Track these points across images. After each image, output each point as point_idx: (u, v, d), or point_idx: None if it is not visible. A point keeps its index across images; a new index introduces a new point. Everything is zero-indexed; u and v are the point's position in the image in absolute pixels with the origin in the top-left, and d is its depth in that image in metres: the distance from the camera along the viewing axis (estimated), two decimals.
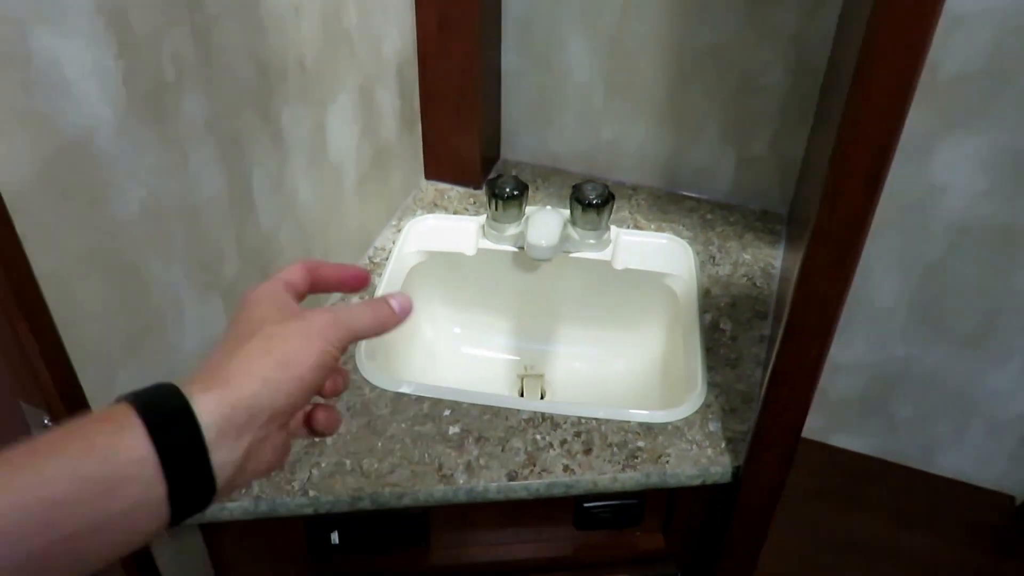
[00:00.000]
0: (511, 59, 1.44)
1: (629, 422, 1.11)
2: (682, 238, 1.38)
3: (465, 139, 1.44)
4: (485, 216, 1.35)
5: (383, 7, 1.22)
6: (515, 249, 1.33)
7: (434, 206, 1.45)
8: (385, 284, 1.29)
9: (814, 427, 1.78)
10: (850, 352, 1.65)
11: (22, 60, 0.68)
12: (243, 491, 1.02)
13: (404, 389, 1.14)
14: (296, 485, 1.03)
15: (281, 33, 0.99)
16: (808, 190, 1.06)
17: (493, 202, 1.31)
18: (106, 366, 0.84)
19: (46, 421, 0.82)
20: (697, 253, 1.36)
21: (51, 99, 0.71)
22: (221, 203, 0.95)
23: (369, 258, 1.34)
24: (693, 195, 1.48)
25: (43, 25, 0.69)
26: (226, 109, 0.92)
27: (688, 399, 1.14)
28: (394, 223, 1.41)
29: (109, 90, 0.76)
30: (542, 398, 1.35)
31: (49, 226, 0.74)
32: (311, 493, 1.02)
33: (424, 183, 1.50)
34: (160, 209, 0.86)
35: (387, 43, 1.25)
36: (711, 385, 1.15)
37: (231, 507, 1.01)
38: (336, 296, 1.27)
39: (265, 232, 1.05)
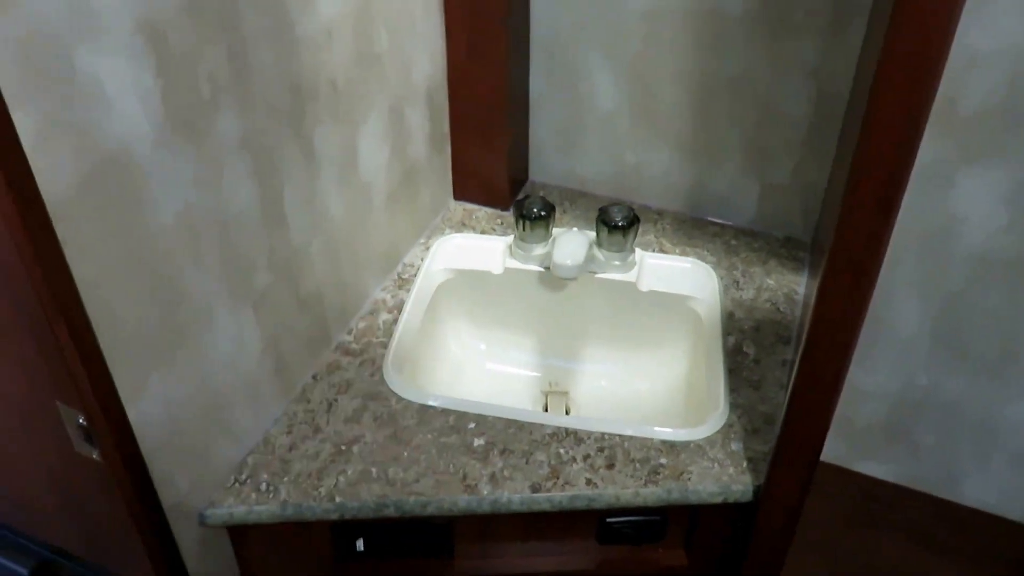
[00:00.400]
0: (539, 85, 1.46)
1: (652, 439, 1.11)
2: (706, 262, 1.38)
3: (493, 161, 1.45)
4: (512, 236, 1.36)
5: (413, 33, 1.24)
6: (541, 269, 1.34)
7: (462, 226, 1.46)
8: (413, 300, 1.31)
9: (838, 453, 1.76)
10: (873, 379, 1.63)
11: (65, 76, 0.70)
12: (270, 495, 1.03)
13: (430, 402, 1.15)
14: (323, 491, 1.04)
15: (314, 55, 1.01)
16: (830, 217, 1.07)
17: (521, 222, 1.32)
18: (140, 370, 0.86)
19: (81, 421, 0.83)
20: (721, 278, 1.36)
21: (92, 114, 0.73)
22: (253, 216, 0.97)
23: (398, 274, 1.36)
24: (717, 221, 1.48)
25: (85, 44, 0.71)
26: (260, 126, 0.95)
27: (711, 419, 1.13)
28: (422, 241, 1.42)
29: (148, 106, 0.79)
30: (567, 415, 1.35)
31: (88, 234, 0.76)
32: (337, 499, 1.03)
33: (452, 203, 1.51)
34: (195, 220, 0.88)
35: (417, 67, 1.27)
36: (734, 406, 1.15)
37: (258, 510, 1.02)
38: (366, 309, 1.29)
39: (296, 246, 1.07)
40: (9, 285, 0.76)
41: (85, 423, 0.83)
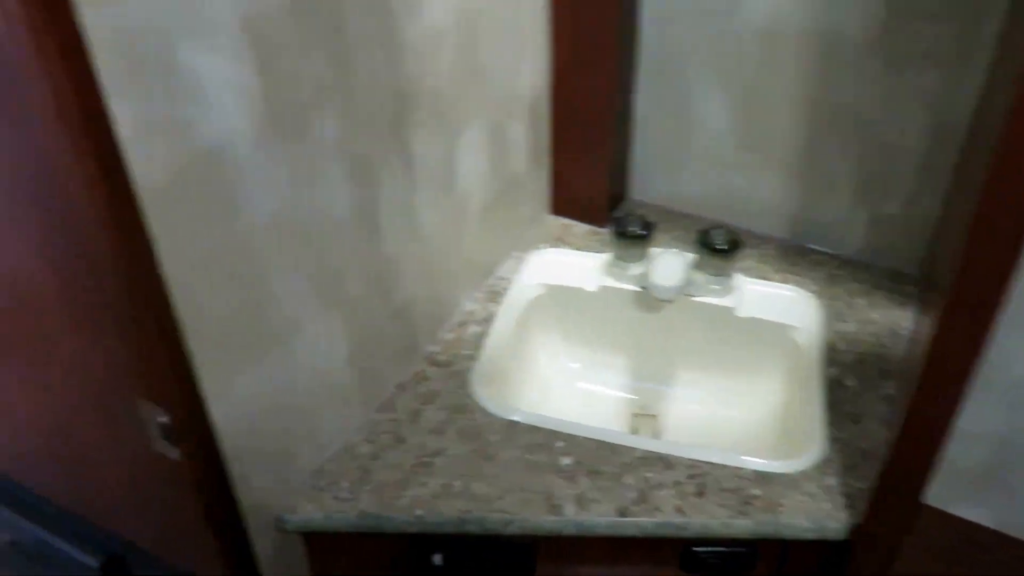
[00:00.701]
0: (644, 100, 1.40)
1: (744, 469, 1.04)
2: (808, 291, 1.30)
3: (593, 177, 1.40)
4: (609, 254, 1.31)
5: (519, 43, 1.19)
6: (638, 289, 1.28)
7: (558, 241, 1.41)
8: (504, 314, 1.26)
9: (935, 493, 1.65)
10: (978, 420, 1.52)
11: (167, 70, 0.68)
12: (350, 503, 0.99)
13: (517, 417, 1.10)
14: (404, 502, 1.00)
15: (418, 62, 0.98)
16: (945, 253, 0.99)
17: (618, 240, 1.26)
18: (226, 370, 0.83)
19: (162, 419, 0.81)
20: (823, 308, 1.27)
21: (191, 109, 0.71)
22: (347, 222, 0.94)
23: (490, 286, 1.31)
24: (822, 250, 1.39)
25: (190, 39, 0.69)
26: (359, 131, 0.91)
27: (806, 451, 1.06)
28: (517, 254, 1.37)
29: (248, 105, 0.76)
30: (657, 439, 1.28)
31: (181, 230, 0.73)
32: (418, 512, 0.99)
33: (549, 217, 1.46)
34: (288, 223, 0.85)
35: (521, 78, 1.23)
36: (831, 440, 1.07)
37: (336, 518, 0.99)
38: (455, 320, 1.24)
39: (388, 254, 1.03)
40: (97, 279, 0.74)
41: (166, 422, 0.80)
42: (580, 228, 1.44)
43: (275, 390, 0.91)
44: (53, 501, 1.16)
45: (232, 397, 0.84)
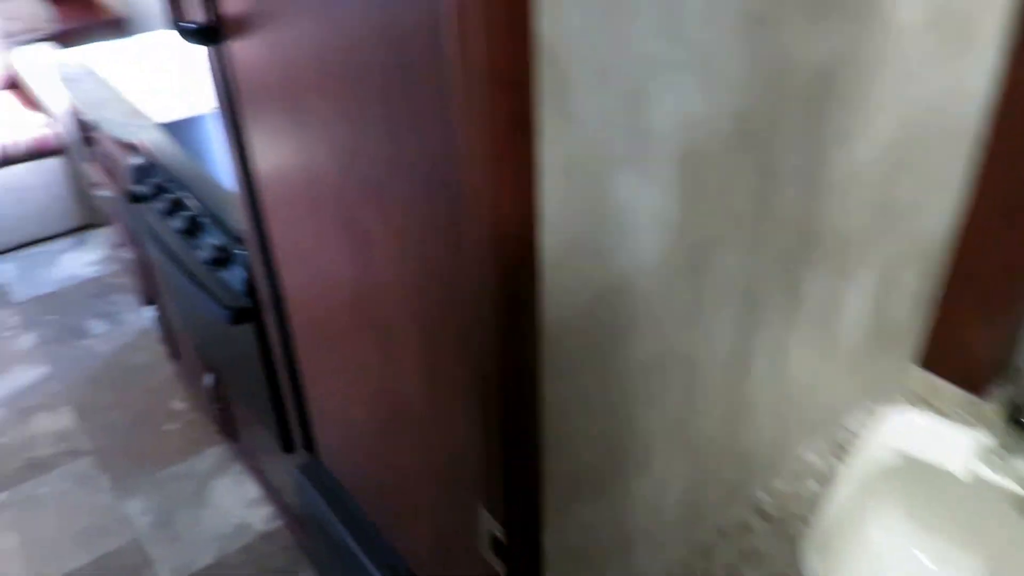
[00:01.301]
0: None
1: None
2: None
3: (984, 337, 1.28)
4: (986, 433, 1.18)
5: (935, 184, 1.11)
6: (1021, 491, 1.14)
7: (921, 401, 1.30)
8: (849, 476, 1.18)
9: None
10: None
11: (600, 197, 0.69)
12: None
13: None
14: None
15: (830, 200, 0.93)
16: None
17: (1008, 424, 1.14)
18: (568, 500, 0.83)
19: (497, 533, 0.82)
20: None
21: (613, 239, 0.72)
22: (719, 361, 0.92)
23: (836, 439, 1.23)
24: None
25: (628, 167, 0.69)
26: (756, 269, 0.89)
27: None
28: (870, 408, 1.28)
29: (664, 237, 0.76)
30: None
31: (570, 356, 0.74)
32: None
33: (914, 370, 1.35)
34: (667, 360, 0.84)
35: (927, 221, 1.15)
36: None
37: None
38: (791, 469, 1.18)
39: (748, 396, 0.99)
40: (475, 385, 0.76)
41: (499, 537, 0.81)
42: (951, 391, 1.32)
43: (605, 523, 0.90)
44: (366, 513, 1.27)
45: (566, 527, 0.85)
